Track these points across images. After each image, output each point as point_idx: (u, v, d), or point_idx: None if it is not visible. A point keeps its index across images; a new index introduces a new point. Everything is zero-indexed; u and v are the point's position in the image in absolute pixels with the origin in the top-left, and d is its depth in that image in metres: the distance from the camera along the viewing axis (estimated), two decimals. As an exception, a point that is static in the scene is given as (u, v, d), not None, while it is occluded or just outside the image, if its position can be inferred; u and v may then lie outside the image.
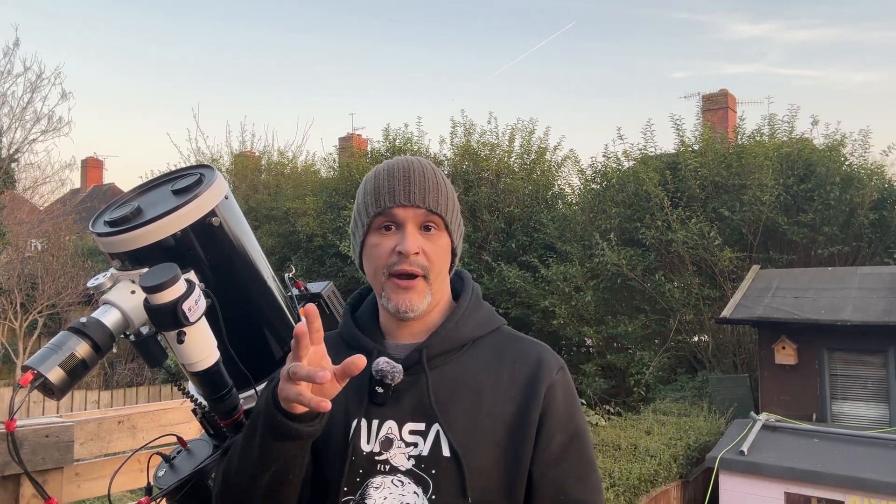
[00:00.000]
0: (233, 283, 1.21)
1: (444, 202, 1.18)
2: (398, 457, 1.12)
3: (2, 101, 14.56)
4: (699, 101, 15.48)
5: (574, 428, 1.17)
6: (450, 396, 1.14)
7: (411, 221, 1.15)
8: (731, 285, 9.44)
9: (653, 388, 9.43)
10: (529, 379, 1.16)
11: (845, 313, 6.58)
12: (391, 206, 1.15)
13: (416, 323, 1.20)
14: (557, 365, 1.19)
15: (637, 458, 5.95)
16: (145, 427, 2.35)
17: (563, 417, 1.15)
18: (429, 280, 1.15)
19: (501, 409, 1.14)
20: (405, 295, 1.14)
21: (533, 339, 1.25)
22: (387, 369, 1.13)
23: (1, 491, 1.88)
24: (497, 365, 1.18)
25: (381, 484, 1.12)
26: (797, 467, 5.60)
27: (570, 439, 1.15)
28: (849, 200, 9.56)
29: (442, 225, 1.18)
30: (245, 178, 17.52)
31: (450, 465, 1.10)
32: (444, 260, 1.19)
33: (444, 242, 1.19)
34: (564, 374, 1.20)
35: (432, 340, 1.17)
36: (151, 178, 1.26)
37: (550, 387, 1.15)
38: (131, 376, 15.85)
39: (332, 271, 13.58)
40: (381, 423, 1.14)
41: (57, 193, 20.71)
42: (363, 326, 1.24)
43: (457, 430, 1.11)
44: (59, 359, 0.99)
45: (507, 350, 1.21)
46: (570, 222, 11.76)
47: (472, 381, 1.16)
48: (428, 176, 1.18)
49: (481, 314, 1.24)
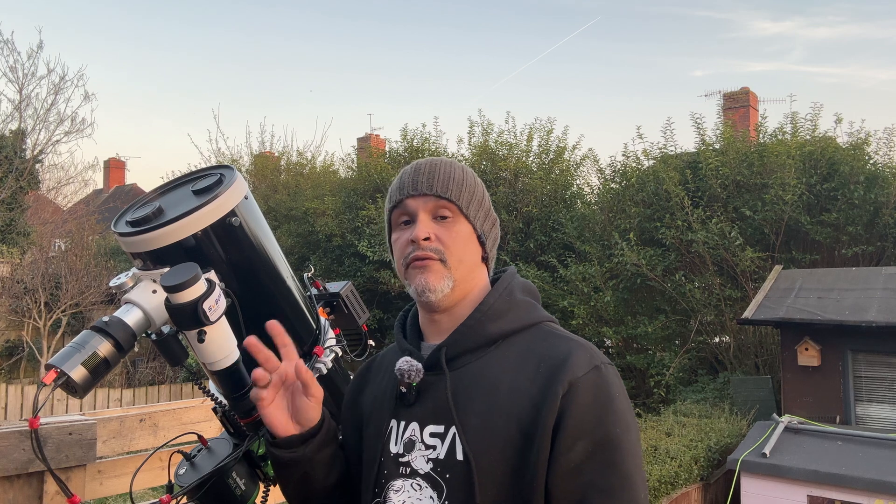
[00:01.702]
0: (253, 282, 1.21)
1: (458, 189, 1.16)
2: (418, 459, 1.10)
3: (26, 103, 14.80)
4: (720, 99, 15.36)
5: (603, 435, 1.02)
6: (468, 397, 1.09)
7: (422, 210, 1.15)
8: (752, 286, 9.34)
9: (673, 390, 9.35)
10: (549, 378, 1.05)
11: (870, 314, 6.48)
12: (402, 197, 1.16)
13: (446, 320, 1.17)
14: (589, 363, 1.06)
15: (657, 460, 5.90)
16: (166, 425, 2.36)
17: (587, 421, 1.02)
18: (447, 264, 1.13)
19: (518, 411, 1.05)
20: (422, 276, 1.13)
21: (573, 338, 1.13)
22: (405, 368, 1.12)
23: (25, 488, 1.91)
24: (523, 364, 1.09)
25: (400, 487, 1.10)
26: (820, 470, 5.52)
27: (596, 447, 1.02)
28: (873, 200, 9.41)
29: (457, 212, 1.16)
30: (264, 178, 17.61)
31: (462, 470, 1.05)
32: (464, 246, 1.15)
33: (462, 229, 1.16)
34: (599, 373, 1.06)
35: (452, 338, 1.14)
36: (172, 179, 1.27)
37: (572, 385, 1.03)
38: (153, 375, 16.01)
39: (351, 271, 13.62)
40: (406, 424, 1.13)
41: (80, 194, 21.02)
42: (408, 330, 1.24)
43: (472, 433, 1.06)
44: (81, 357, 1.00)
45: (538, 348, 1.11)
46: (588, 222, 11.69)
47: (492, 380, 1.09)
48: (440, 166, 1.17)
49: (514, 309, 1.16)
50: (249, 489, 1.23)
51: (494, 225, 1.22)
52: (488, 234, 1.20)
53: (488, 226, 1.20)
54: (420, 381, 1.12)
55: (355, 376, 1.33)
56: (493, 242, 1.22)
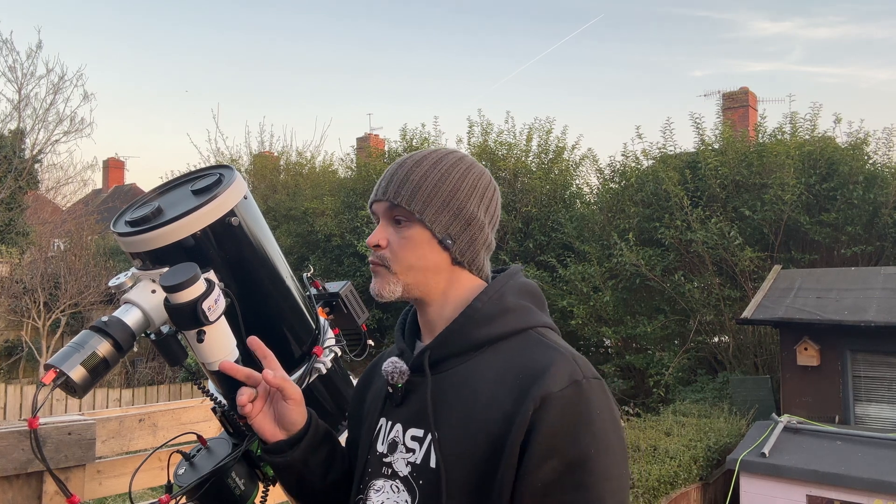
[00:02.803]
0: (252, 282, 1.21)
1: (411, 193, 1.11)
2: (399, 461, 1.09)
3: (25, 103, 14.81)
4: (720, 99, 15.36)
5: (577, 455, 0.95)
6: (448, 404, 1.06)
7: (382, 215, 1.15)
8: (752, 285, 9.35)
9: (672, 389, 9.36)
10: (523, 391, 0.99)
11: (869, 314, 6.48)
12: (372, 201, 1.18)
13: (437, 320, 1.15)
14: (569, 378, 0.99)
15: (656, 460, 5.90)
16: (166, 425, 2.36)
17: (559, 439, 0.96)
18: (391, 270, 1.12)
19: (491, 422, 1.00)
20: (373, 281, 1.15)
21: (557, 347, 1.06)
22: (389, 370, 1.11)
23: (24, 488, 1.91)
24: (504, 373, 1.04)
25: (381, 487, 1.11)
26: (820, 470, 5.52)
27: (567, 468, 0.95)
28: (872, 200, 9.42)
29: (411, 217, 1.11)
30: (264, 178, 17.60)
31: (433, 478, 1.03)
32: (413, 251, 1.11)
33: (414, 234, 1.11)
34: (578, 388, 0.99)
35: (435, 342, 1.11)
36: (172, 179, 1.27)
37: (545, 400, 0.96)
38: (152, 374, 16.00)
39: (350, 271, 13.63)
40: (392, 424, 1.13)
41: (79, 194, 21.02)
42: (405, 329, 1.24)
43: (446, 442, 1.03)
44: (80, 357, 1.00)
45: (520, 357, 1.05)
46: (588, 222, 11.69)
47: (472, 387, 1.05)
48: (402, 168, 1.14)
49: (503, 314, 1.10)
50: (249, 489, 1.23)
51: (471, 224, 1.14)
52: (458, 235, 1.13)
53: (457, 226, 1.12)
54: (406, 382, 1.11)
55: (363, 374, 1.34)
56: (470, 242, 1.14)
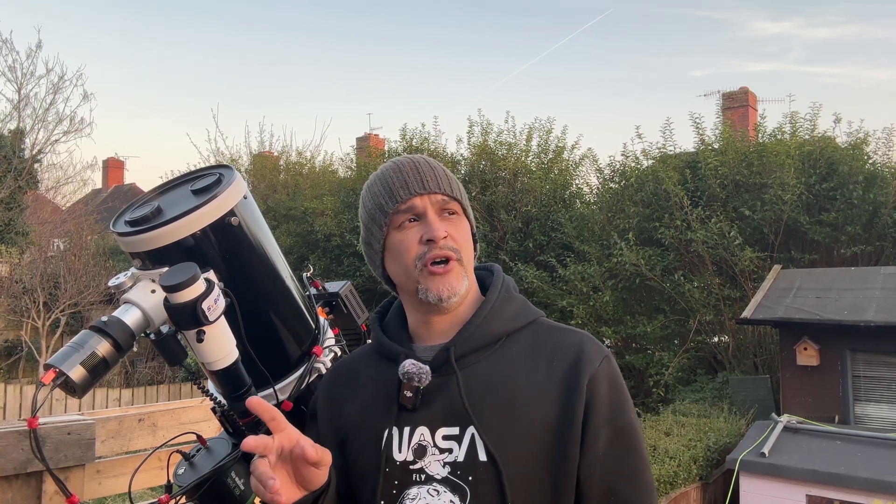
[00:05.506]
0: (252, 282, 1.21)
1: (458, 187, 1.18)
2: (433, 465, 1.06)
3: (25, 103, 14.81)
4: (719, 99, 15.36)
5: (623, 422, 1.08)
6: (482, 396, 1.07)
7: (431, 208, 1.12)
8: (752, 285, 9.34)
9: (672, 389, 9.35)
10: (569, 372, 1.07)
11: (868, 314, 6.48)
12: (408, 196, 1.12)
13: (445, 320, 1.14)
14: (600, 354, 1.10)
15: (656, 460, 5.90)
16: (165, 425, 2.36)
17: (609, 411, 1.07)
18: (462, 263, 1.12)
19: (540, 407, 1.06)
20: (444, 280, 1.09)
21: (572, 329, 1.16)
22: (413, 371, 1.08)
23: (24, 488, 1.91)
24: (533, 360, 1.10)
25: (416, 495, 1.06)
26: (819, 469, 5.52)
27: (617, 435, 1.07)
28: (872, 199, 9.42)
29: (461, 210, 1.16)
30: (264, 177, 17.59)
31: (487, 471, 1.03)
32: (469, 245, 1.16)
33: (466, 227, 1.16)
34: (609, 363, 1.11)
35: (460, 338, 1.11)
36: (171, 179, 1.27)
37: (593, 378, 1.07)
38: (152, 374, 15.99)
39: (350, 271, 13.62)
40: (412, 429, 1.09)
41: (79, 193, 21.06)
42: (391, 333, 1.20)
43: (493, 433, 1.04)
44: (80, 357, 1.00)
45: (545, 343, 1.12)
46: (588, 222, 11.68)
47: (506, 378, 1.08)
48: (435, 165, 1.18)
49: (514, 307, 1.16)
50: (248, 489, 1.22)
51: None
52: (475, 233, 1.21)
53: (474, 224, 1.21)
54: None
55: (322, 388, 1.25)
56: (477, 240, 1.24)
